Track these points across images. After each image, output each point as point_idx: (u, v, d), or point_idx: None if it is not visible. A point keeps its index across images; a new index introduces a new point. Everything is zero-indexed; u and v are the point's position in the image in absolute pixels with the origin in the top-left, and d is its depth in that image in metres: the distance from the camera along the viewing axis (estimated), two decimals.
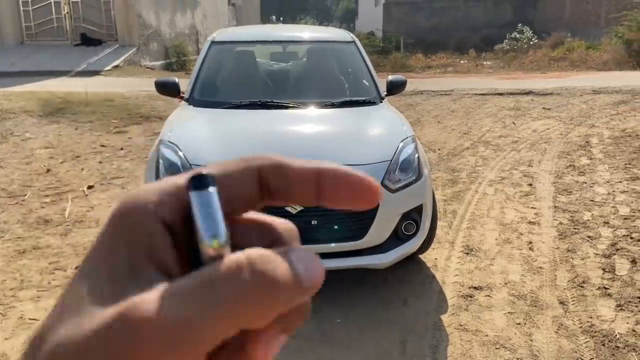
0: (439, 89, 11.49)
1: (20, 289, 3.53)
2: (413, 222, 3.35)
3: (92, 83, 11.86)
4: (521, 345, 2.93)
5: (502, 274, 3.71)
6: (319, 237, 3.17)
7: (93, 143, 7.30)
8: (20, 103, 9.33)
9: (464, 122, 8.55)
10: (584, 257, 3.92)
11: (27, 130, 7.87)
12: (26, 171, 6.07)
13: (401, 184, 3.28)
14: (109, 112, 9.05)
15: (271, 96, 4.21)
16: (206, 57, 4.51)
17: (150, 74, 14.66)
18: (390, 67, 16.92)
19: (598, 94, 10.46)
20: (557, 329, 3.08)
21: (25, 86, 11.43)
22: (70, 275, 3.71)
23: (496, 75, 14.88)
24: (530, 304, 3.33)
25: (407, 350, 2.91)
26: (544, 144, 7.13)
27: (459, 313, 3.25)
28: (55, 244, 4.21)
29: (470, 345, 2.94)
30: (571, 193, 5.24)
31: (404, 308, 3.32)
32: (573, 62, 16.64)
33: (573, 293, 3.45)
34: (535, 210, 4.84)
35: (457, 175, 5.87)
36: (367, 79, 4.48)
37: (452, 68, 17.74)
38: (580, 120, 8.39)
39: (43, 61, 14.90)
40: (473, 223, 4.56)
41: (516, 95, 10.63)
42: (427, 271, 3.76)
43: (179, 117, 3.91)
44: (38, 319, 3.19)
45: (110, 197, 5.27)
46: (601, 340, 2.96)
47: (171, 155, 3.30)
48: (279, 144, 3.54)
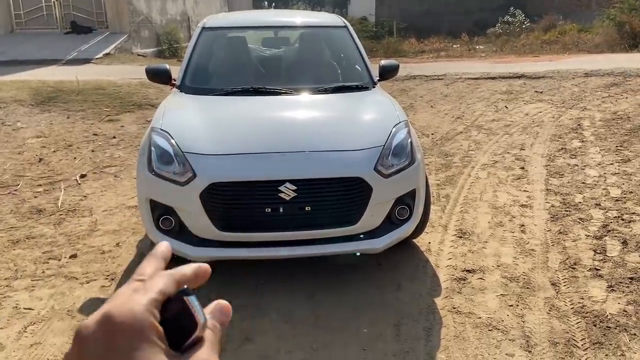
0: (432, 73, 11.46)
1: (15, 279, 3.53)
2: (406, 206, 3.37)
3: (83, 71, 11.74)
4: (513, 327, 2.97)
5: (495, 256, 3.74)
6: (313, 222, 3.18)
7: (85, 132, 7.26)
8: (11, 92, 9.24)
9: (456, 107, 8.54)
10: (575, 239, 3.96)
11: (19, 119, 7.81)
12: (18, 161, 6.04)
13: (394, 169, 3.29)
14: (100, 100, 8.98)
15: (263, 82, 4.19)
16: (197, 43, 4.47)
17: (141, 61, 14.52)
18: (383, 52, 16.84)
19: (590, 77, 10.47)
20: (549, 310, 3.12)
21: (15, 75, 11.30)
22: (64, 264, 3.71)
23: (489, 59, 14.85)
24: (523, 286, 3.37)
25: (401, 333, 2.94)
26: (536, 127, 7.15)
27: (453, 296, 3.28)
28: (48, 233, 4.21)
29: (464, 328, 2.97)
30: (563, 176, 5.27)
31: (398, 292, 3.34)
32: (565, 45, 16.61)
33: (565, 274, 3.49)
34: (527, 193, 4.87)
35: (450, 160, 5.89)
36: (360, 64, 4.46)
37: (445, 52, 17.67)
38: (572, 103, 8.41)
39: (33, 50, 14.72)
40: (466, 207, 4.59)
41: (508, 79, 10.63)
42: (421, 255, 3.79)
43: (171, 104, 3.89)
44: (33, 308, 3.20)
45: (103, 186, 5.26)
46: (592, 321, 3.00)
47: (163, 143, 3.29)
48: (271, 130, 3.53)
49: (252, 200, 3.15)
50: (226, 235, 3.14)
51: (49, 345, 2.86)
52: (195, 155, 3.17)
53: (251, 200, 3.16)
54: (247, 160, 3.21)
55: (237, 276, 3.48)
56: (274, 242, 3.20)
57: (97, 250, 3.92)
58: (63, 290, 3.39)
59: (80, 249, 3.93)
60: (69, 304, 3.25)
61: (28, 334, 2.95)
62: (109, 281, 3.50)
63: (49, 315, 3.13)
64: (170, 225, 3.21)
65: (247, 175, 3.13)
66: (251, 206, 3.16)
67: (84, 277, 3.55)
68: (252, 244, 3.21)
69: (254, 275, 3.50)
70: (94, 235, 4.17)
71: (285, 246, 3.19)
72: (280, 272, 3.54)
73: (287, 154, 3.22)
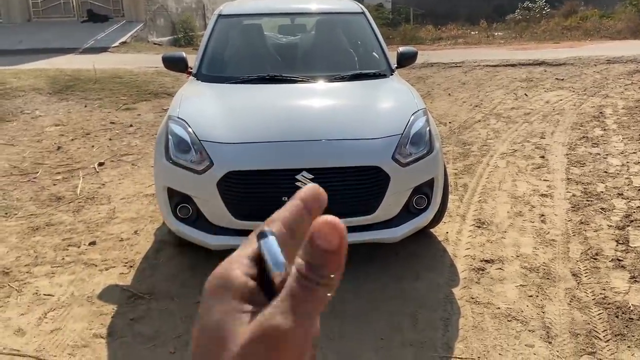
0: (450, 61, 11.31)
1: (35, 265, 3.58)
2: (424, 196, 3.33)
3: (100, 60, 11.81)
4: (533, 318, 2.93)
5: (514, 246, 3.69)
6: (330, 212, 3.15)
7: (102, 120, 7.31)
8: (30, 81, 9.33)
9: (475, 95, 8.43)
10: (597, 229, 3.89)
11: (37, 108, 7.89)
12: (37, 149, 6.10)
13: (412, 158, 3.25)
14: (117, 89, 9.03)
15: (280, 70, 4.16)
16: (213, 31, 4.45)
17: (157, 49, 14.57)
18: (400, 40, 16.66)
19: (612, 64, 10.24)
20: (569, 301, 3.07)
21: (33, 64, 11.41)
22: (83, 251, 3.75)
23: (508, 46, 14.61)
24: (543, 276, 3.32)
25: (418, 323, 2.92)
26: (556, 115, 7.02)
27: (471, 286, 3.24)
28: (67, 220, 4.25)
29: (482, 318, 2.94)
30: (584, 165, 5.17)
31: (416, 282, 3.32)
32: (586, 31, 16.27)
33: (586, 265, 3.43)
34: (547, 182, 4.79)
35: (468, 149, 5.81)
36: (377, 51, 4.40)
37: (463, 39, 17.42)
38: (594, 91, 8.24)
39: (50, 38, 14.84)
40: (484, 196, 4.53)
41: (528, 66, 10.45)
42: (439, 245, 3.76)
43: (187, 92, 3.88)
44: (53, 294, 3.24)
45: (120, 174, 5.29)
46: (614, 312, 2.95)
47: (180, 131, 3.28)
48: (287, 118, 3.50)
49: (269, 189, 3.14)
50: (243, 224, 3.13)
51: (69, 331, 2.89)
52: (212, 144, 3.16)
53: (268, 188, 3.14)
54: (264, 148, 3.19)
55: None
56: None
57: (115, 237, 3.95)
58: (82, 277, 3.43)
59: (99, 236, 3.96)
60: (88, 290, 3.28)
61: (48, 320, 2.99)
62: (127, 268, 3.53)
63: (69, 301, 3.17)
64: (188, 213, 3.22)
65: (264, 164, 3.12)
66: (268, 195, 3.14)
67: (102, 264, 3.59)
68: None
69: None
70: (113, 222, 4.20)
71: None
72: None
73: (304, 143, 3.20)
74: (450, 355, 2.66)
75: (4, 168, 5.48)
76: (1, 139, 6.48)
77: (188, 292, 3.24)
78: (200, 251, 3.45)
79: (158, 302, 3.15)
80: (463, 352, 2.68)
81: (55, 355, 2.70)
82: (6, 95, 8.42)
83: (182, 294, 3.22)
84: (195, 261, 3.56)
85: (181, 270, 3.49)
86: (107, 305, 3.12)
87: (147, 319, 3.00)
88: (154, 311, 3.07)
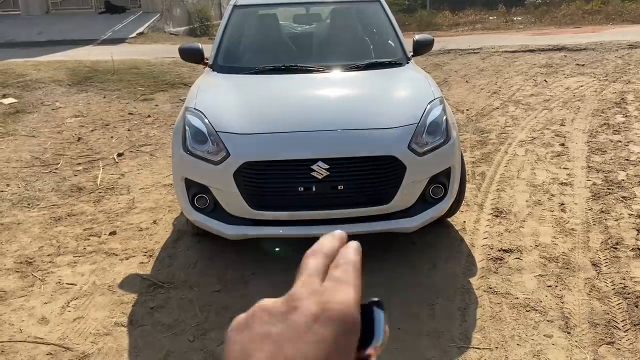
0: (467, 47, 11.17)
1: (57, 255, 3.65)
2: (441, 185, 3.31)
3: (118, 51, 11.91)
4: (552, 308, 2.91)
5: (533, 236, 3.66)
6: (346, 201, 3.17)
7: (121, 111, 7.38)
8: (49, 72, 9.45)
9: (493, 81, 8.32)
10: (617, 218, 3.83)
11: (57, 99, 8.00)
12: (58, 140, 6.20)
13: (429, 147, 3.23)
14: (135, 79, 9.10)
15: (295, 60, 4.15)
16: (229, 21, 4.45)
17: (174, 40, 14.63)
18: (416, 26, 16.48)
19: (634, 48, 10.02)
20: (589, 290, 3.04)
21: (52, 55, 11.56)
22: (104, 241, 3.82)
23: (527, 31, 14.36)
24: (562, 266, 3.29)
25: (435, 312, 2.92)
26: (577, 102, 6.90)
27: (489, 276, 3.23)
28: (88, 210, 4.32)
29: (500, 308, 2.93)
30: (605, 152, 5.09)
31: (433, 271, 3.31)
32: (608, 15, 15.91)
33: (606, 255, 3.39)
34: (567, 170, 4.72)
35: (486, 137, 5.75)
36: (393, 40, 4.37)
37: (481, 25, 17.17)
38: (616, 77, 8.07)
39: (69, 30, 14.99)
40: (502, 185, 4.49)
41: (548, 52, 10.27)
42: (456, 234, 3.74)
43: (204, 83, 3.90)
44: (75, 283, 3.30)
45: (139, 164, 5.35)
46: (634, 302, 2.91)
47: (197, 123, 3.31)
48: (303, 108, 3.50)
49: (285, 179, 3.15)
50: (259, 214, 3.15)
51: (92, 320, 2.95)
52: (228, 135, 3.18)
53: (284, 179, 3.15)
54: (280, 139, 3.20)
55: (269, 255, 3.51)
56: (307, 221, 3.20)
57: (135, 227, 4.01)
58: (104, 266, 3.49)
59: (119, 226, 4.03)
60: (109, 279, 3.34)
61: (71, 309, 3.05)
62: (147, 257, 3.58)
63: (91, 290, 3.23)
64: (205, 203, 3.25)
65: (280, 155, 3.13)
66: (284, 185, 3.16)
67: (123, 253, 3.65)
68: (285, 223, 3.22)
69: (286, 255, 3.52)
70: (132, 212, 4.26)
71: (319, 225, 3.18)
72: None
73: (320, 133, 3.20)
74: (467, 345, 2.66)
75: (26, 159, 5.58)
76: (23, 130, 6.59)
77: (206, 281, 3.28)
78: (218, 241, 3.49)
79: (177, 291, 3.20)
80: (480, 342, 2.68)
81: (78, 343, 2.76)
82: (27, 87, 8.55)
83: (201, 283, 3.26)
84: (213, 251, 3.60)
85: (199, 259, 3.54)
86: (128, 294, 3.18)
87: (166, 308, 3.05)
88: (173, 300, 3.12)
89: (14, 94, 8.18)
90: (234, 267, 3.40)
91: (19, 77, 9.09)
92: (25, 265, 3.52)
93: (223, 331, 2.79)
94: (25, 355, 2.69)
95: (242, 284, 3.24)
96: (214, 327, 2.87)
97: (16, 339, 2.81)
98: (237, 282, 3.26)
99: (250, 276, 3.31)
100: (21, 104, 7.69)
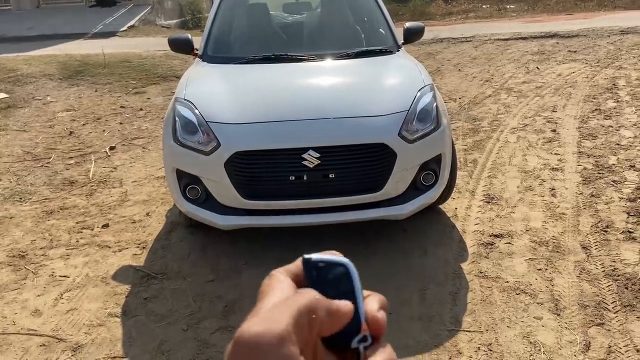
0: (460, 35, 11.16)
1: (50, 248, 3.65)
2: (432, 172, 3.32)
3: (109, 44, 11.84)
4: (542, 290, 2.93)
5: (524, 221, 3.68)
6: (337, 190, 3.17)
7: (113, 104, 7.35)
8: (40, 67, 9.40)
9: (485, 69, 8.32)
10: (608, 201, 3.86)
11: (49, 94, 7.96)
12: (49, 134, 6.17)
13: (419, 134, 3.23)
14: (127, 73, 9.06)
15: (285, 49, 4.14)
16: (218, 11, 4.43)
17: (165, 33, 14.53)
18: (410, 16, 16.41)
19: (626, 34, 10.03)
20: (579, 273, 3.07)
21: (43, 50, 11.48)
22: (97, 233, 3.82)
23: (520, 19, 14.35)
24: (552, 249, 3.32)
25: (426, 297, 2.94)
26: (569, 88, 6.92)
27: (479, 261, 3.25)
28: (81, 204, 4.32)
29: (491, 292, 2.96)
30: (596, 137, 5.11)
31: (424, 257, 3.33)
32: (601, 2, 15.91)
33: (596, 238, 3.41)
34: (558, 156, 4.74)
35: (478, 124, 5.77)
36: (384, 28, 4.36)
37: (474, 14, 17.12)
38: (607, 62, 8.09)
39: (59, 24, 14.88)
40: (494, 172, 4.51)
41: (540, 39, 10.27)
42: (447, 221, 3.76)
43: (194, 74, 3.89)
44: (68, 275, 3.31)
45: (131, 157, 5.34)
46: (624, 284, 2.94)
47: (187, 113, 3.30)
48: (293, 97, 3.50)
49: (276, 169, 3.15)
50: (251, 204, 3.16)
51: (85, 311, 2.96)
52: (218, 125, 3.18)
53: (275, 168, 3.16)
54: (270, 128, 3.20)
55: (262, 245, 3.52)
56: (299, 210, 3.21)
57: (128, 219, 4.01)
58: (97, 259, 3.50)
59: (111, 219, 4.03)
60: (102, 271, 3.35)
61: (64, 301, 3.06)
62: (140, 249, 3.59)
63: (84, 282, 3.24)
64: (197, 194, 3.25)
65: (271, 144, 3.13)
66: (275, 174, 3.16)
67: (116, 245, 3.65)
68: (277, 212, 3.23)
69: (279, 244, 3.53)
70: (125, 205, 4.26)
71: (310, 214, 3.20)
72: (305, 239, 3.56)
73: (310, 121, 3.20)
74: (458, 328, 2.69)
75: (18, 154, 5.56)
76: (14, 125, 6.56)
77: (199, 271, 3.29)
78: (210, 232, 3.50)
79: (170, 281, 3.21)
80: (471, 325, 2.70)
81: (72, 334, 2.78)
82: (18, 82, 8.50)
83: (194, 273, 3.27)
84: (206, 241, 3.61)
85: (192, 250, 3.55)
86: (121, 286, 3.19)
87: (160, 298, 3.06)
88: (167, 290, 3.13)
89: (5, 89, 8.13)
90: (227, 257, 3.42)
91: (10, 72, 9.04)
92: (18, 259, 3.52)
93: (216, 320, 2.82)
94: (18, 347, 2.70)
95: (235, 273, 3.26)
96: (207, 316, 2.88)
97: (9, 331, 2.82)
98: (230, 271, 3.28)
99: (243, 266, 3.32)
100: (12, 99, 7.65)
